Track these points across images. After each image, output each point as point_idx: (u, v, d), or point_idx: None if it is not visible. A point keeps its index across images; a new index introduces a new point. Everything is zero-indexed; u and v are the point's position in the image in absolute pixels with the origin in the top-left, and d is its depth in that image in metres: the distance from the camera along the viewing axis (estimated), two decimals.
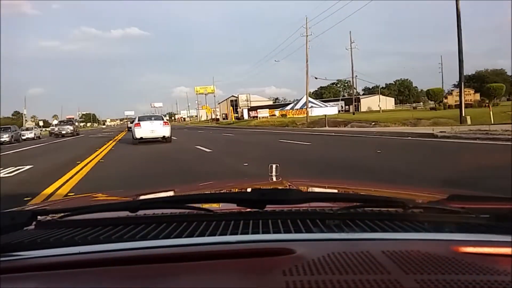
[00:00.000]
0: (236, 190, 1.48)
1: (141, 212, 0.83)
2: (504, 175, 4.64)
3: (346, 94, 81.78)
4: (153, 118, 16.97)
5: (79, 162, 9.86)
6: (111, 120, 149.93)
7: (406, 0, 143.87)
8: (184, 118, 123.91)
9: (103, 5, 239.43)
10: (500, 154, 7.85)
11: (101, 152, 13.49)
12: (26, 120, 63.91)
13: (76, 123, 43.11)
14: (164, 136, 16.23)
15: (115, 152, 13.53)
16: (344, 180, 3.58)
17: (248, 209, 0.82)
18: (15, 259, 0.66)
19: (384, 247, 0.64)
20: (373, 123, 24.22)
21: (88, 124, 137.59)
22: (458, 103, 36.33)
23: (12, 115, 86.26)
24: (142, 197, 1.39)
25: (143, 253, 0.66)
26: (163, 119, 17.13)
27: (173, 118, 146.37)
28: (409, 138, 12.97)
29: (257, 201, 0.81)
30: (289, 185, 1.48)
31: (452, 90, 45.42)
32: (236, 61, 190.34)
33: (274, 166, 1.67)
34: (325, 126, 26.20)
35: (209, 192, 1.59)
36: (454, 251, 0.63)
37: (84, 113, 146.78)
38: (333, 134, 18.02)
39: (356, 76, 50.01)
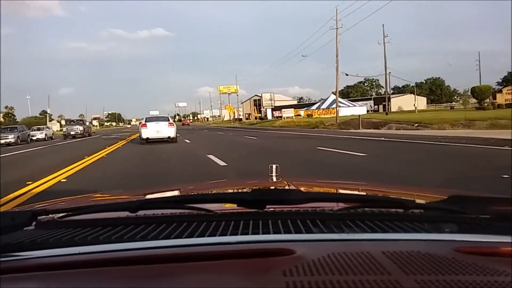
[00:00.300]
0: (236, 190, 1.50)
1: (141, 212, 0.84)
2: None
3: (373, 94, 76.97)
4: (159, 119, 17.67)
5: (29, 182, 7.02)
6: (137, 120, 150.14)
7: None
8: (207, 118, 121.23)
9: (129, 6, 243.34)
10: None
11: (86, 161, 10.98)
12: (52, 119, 62.84)
13: (88, 123, 40.71)
14: (169, 137, 16.92)
15: (101, 163, 10.67)
16: (344, 181, 3.48)
17: (248, 210, 0.83)
18: (15, 259, 0.67)
19: (384, 247, 0.64)
20: (416, 125, 20.20)
21: (114, 124, 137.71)
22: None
23: (40, 114, 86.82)
24: (142, 197, 1.38)
25: (143, 253, 0.67)
26: (168, 120, 17.80)
27: (196, 118, 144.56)
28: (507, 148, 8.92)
29: (257, 202, 0.81)
30: (289, 186, 1.44)
31: (500, 88, 40.50)
32: (259, 61, 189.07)
33: (274, 166, 1.60)
34: (359, 128, 22.31)
35: (209, 192, 1.57)
36: (455, 251, 0.63)
37: (110, 112, 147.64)
38: (383, 139, 14.01)
39: (390, 73, 45.54)
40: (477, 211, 0.78)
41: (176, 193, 1.59)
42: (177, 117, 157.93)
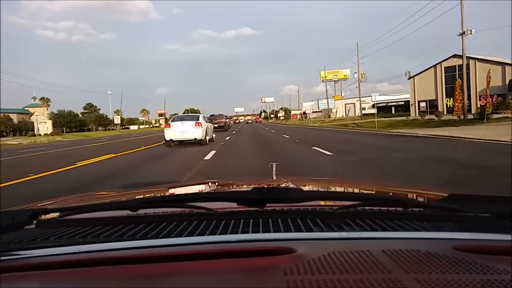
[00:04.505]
0: (237, 189, 1.42)
1: (141, 211, 0.81)
2: None
3: None
4: (185, 119, 14.55)
5: None
6: None
7: None
8: (306, 114, 78.70)
9: (218, 6, 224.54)
10: None
11: None
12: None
13: None
14: (195, 138, 13.79)
15: None
16: (344, 179, 3.38)
17: (249, 208, 0.80)
18: (15, 258, 0.65)
19: (385, 246, 0.62)
20: None
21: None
22: None
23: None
24: (142, 196, 1.32)
25: (143, 252, 0.65)
26: (197, 120, 14.28)
27: (286, 114, 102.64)
28: None
29: (258, 200, 0.78)
30: (289, 184, 1.40)
31: None
32: (344, 57, 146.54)
33: (274, 164, 1.56)
34: None
35: (209, 191, 1.52)
36: (455, 250, 0.61)
37: (188, 108, 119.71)
38: None
39: None
40: (476, 210, 0.76)
41: (176, 191, 1.55)
42: (263, 114, 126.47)
